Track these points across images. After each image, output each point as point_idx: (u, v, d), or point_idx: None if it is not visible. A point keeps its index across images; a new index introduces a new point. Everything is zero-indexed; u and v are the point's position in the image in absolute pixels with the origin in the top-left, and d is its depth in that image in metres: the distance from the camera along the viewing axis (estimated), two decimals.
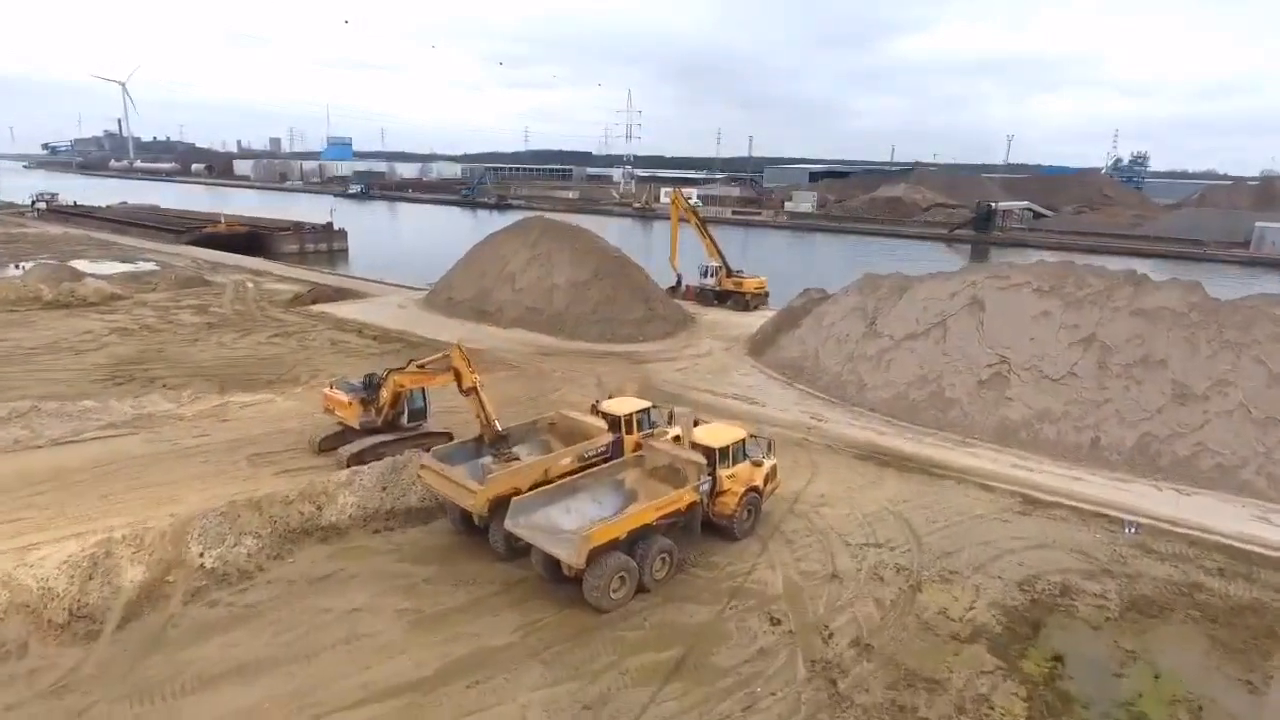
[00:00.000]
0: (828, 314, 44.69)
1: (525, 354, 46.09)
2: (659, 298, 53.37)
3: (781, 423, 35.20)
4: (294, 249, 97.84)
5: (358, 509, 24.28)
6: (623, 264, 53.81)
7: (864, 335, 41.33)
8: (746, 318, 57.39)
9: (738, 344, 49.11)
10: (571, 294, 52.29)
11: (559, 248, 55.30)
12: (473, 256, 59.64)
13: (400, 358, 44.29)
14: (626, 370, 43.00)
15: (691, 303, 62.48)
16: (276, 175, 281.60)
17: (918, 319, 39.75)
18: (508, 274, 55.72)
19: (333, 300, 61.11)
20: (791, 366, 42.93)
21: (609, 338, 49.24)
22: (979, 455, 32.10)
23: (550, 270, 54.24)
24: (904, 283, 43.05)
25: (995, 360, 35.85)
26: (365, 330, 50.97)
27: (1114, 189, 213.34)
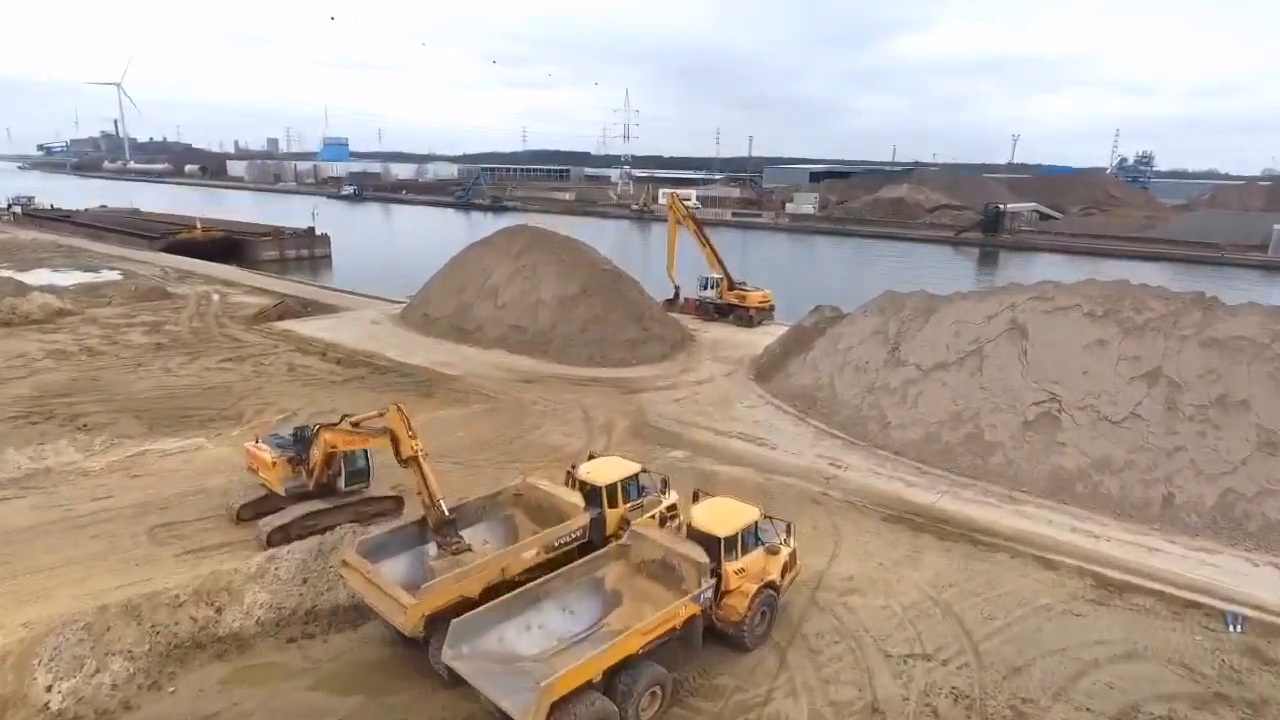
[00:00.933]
0: (844, 337, 39.47)
1: (504, 381, 40.87)
2: (654, 315, 48.13)
3: (795, 470, 30.00)
4: (273, 256, 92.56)
5: (269, 610, 19.08)
6: (614, 278, 48.56)
7: (886, 363, 36.11)
8: (751, 335, 52.16)
9: (742, 368, 43.89)
10: (558, 311, 47.06)
11: (545, 260, 50.06)
12: (452, 268, 54.40)
13: (365, 387, 39.23)
14: (617, 401, 37.78)
15: (690, 317, 57.29)
16: (270, 176, 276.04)
17: (948, 345, 34.53)
18: (489, 288, 50.49)
19: (301, 315, 55.89)
20: (803, 397, 37.72)
21: (599, 361, 44.02)
22: (1030, 515, 26.90)
23: (536, 284, 49.02)
24: (930, 303, 37.83)
25: (1043, 397, 30.64)
26: (330, 352, 45.74)
27: (1120, 189, 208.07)
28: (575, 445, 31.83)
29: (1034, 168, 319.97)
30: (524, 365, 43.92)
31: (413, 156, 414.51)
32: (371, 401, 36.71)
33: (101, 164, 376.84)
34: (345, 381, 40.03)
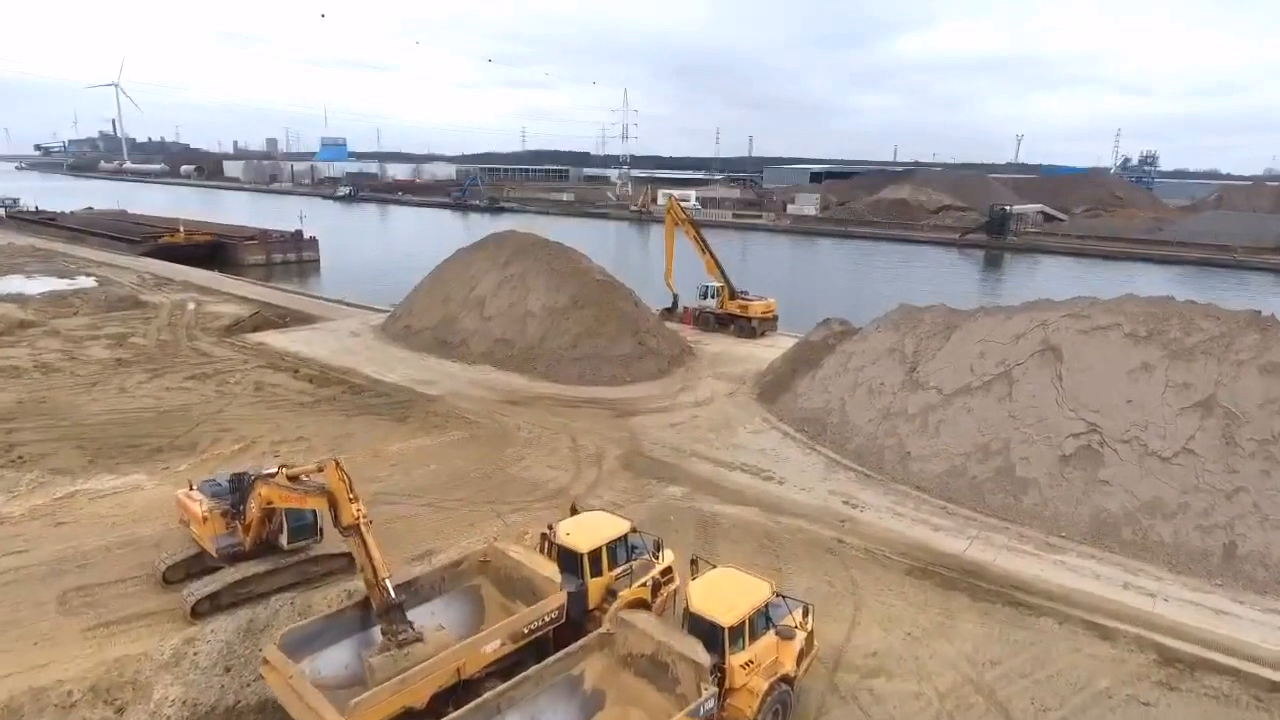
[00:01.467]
0: (856, 354, 36.17)
1: (488, 402, 37.57)
2: (650, 328, 44.81)
3: (805, 511, 26.72)
4: (259, 260, 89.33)
5: (182, 708, 15.82)
6: (608, 288, 45.24)
7: (903, 385, 32.82)
8: (754, 348, 48.91)
9: (745, 386, 40.60)
10: (548, 324, 43.78)
11: (534, 268, 46.76)
12: (437, 277, 51.10)
13: (336, 409, 35.96)
14: (609, 426, 34.49)
15: (689, 328, 54.04)
16: (266, 177, 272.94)
17: (973, 368, 31.24)
18: (475, 298, 47.20)
19: (277, 326, 52.63)
20: (813, 421, 34.42)
21: (590, 378, 40.73)
22: (1074, 566, 23.62)
23: (524, 295, 45.73)
24: (950, 318, 34.53)
25: (1081, 428, 27.35)
26: (303, 368, 42.46)
27: (1125, 190, 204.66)
28: (561, 480, 28.55)
29: (1034, 167, 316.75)
30: (510, 383, 40.63)
31: (412, 156, 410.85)
32: (341, 426, 33.52)
33: (98, 164, 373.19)
34: (315, 403, 36.72)
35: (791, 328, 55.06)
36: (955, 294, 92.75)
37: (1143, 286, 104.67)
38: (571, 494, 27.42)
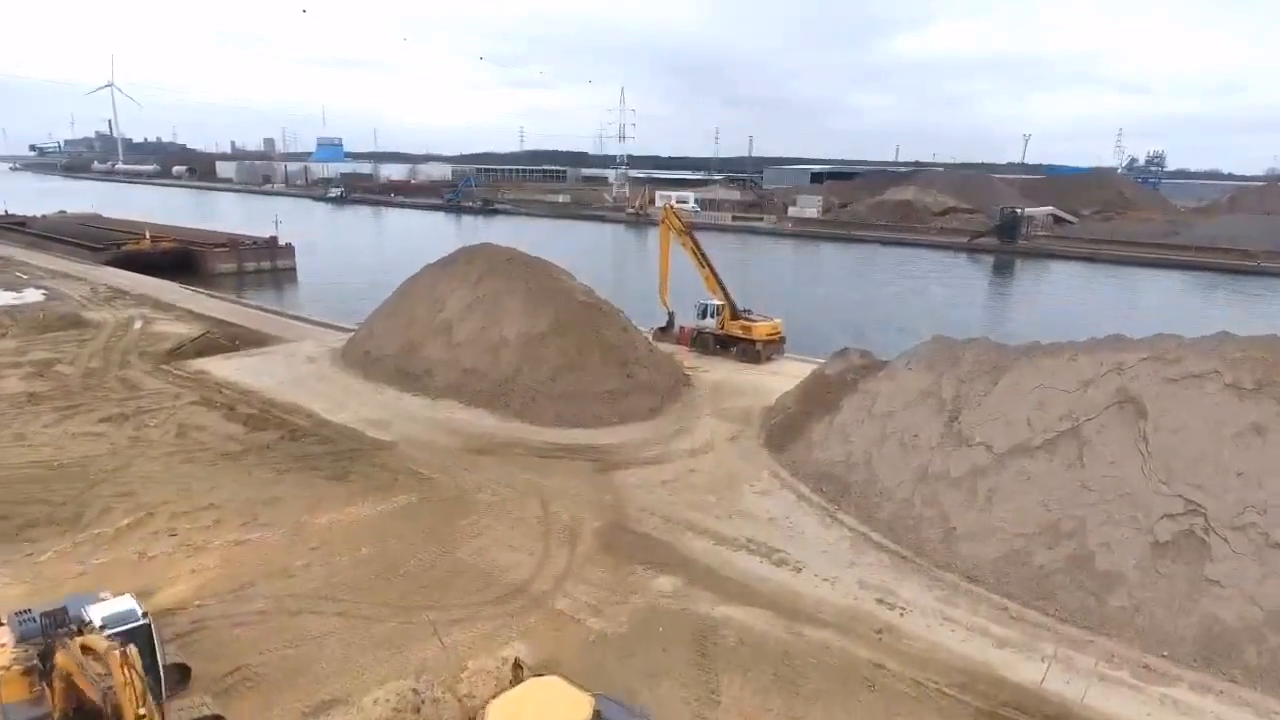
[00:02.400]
0: (882, 397, 30.26)
1: (448, 451, 31.68)
2: (640, 358, 38.86)
3: (831, 614, 20.86)
4: (230, 269, 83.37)
5: None
6: (592, 313, 39.27)
7: (943, 439, 26.95)
8: (759, 375, 43.04)
9: (750, 427, 34.72)
10: (523, 353, 37.88)
11: (509, 288, 40.85)
12: (401, 296, 45.16)
13: (266, 463, 30.09)
14: (588, 486, 28.61)
15: (685, 350, 48.22)
16: (259, 178, 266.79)
17: (1030, 421, 25.36)
18: (442, 322, 41.29)
19: (227, 350, 46.72)
20: (832, 479, 28.55)
21: (571, 419, 34.84)
22: (1190, 707, 17.77)
23: (498, 319, 39.82)
24: (996, 356, 28.60)
25: (1179, 508, 21.47)
26: (241, 404, 36.59)
27: (1133, 190, 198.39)
28: (522, 569, 22.67)
29: (1035, 168, 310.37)
30: (477, 425, 34.72)
31: (410, 157, 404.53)
32: (266, 488, 27.62)
33: (91, 165, 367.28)
34: (243, 454, 30.80)
35: (799, 349, 49.28)
36: (970, 302, 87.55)
37: (1165, 295, 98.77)
38: (534, 588, 21.59)
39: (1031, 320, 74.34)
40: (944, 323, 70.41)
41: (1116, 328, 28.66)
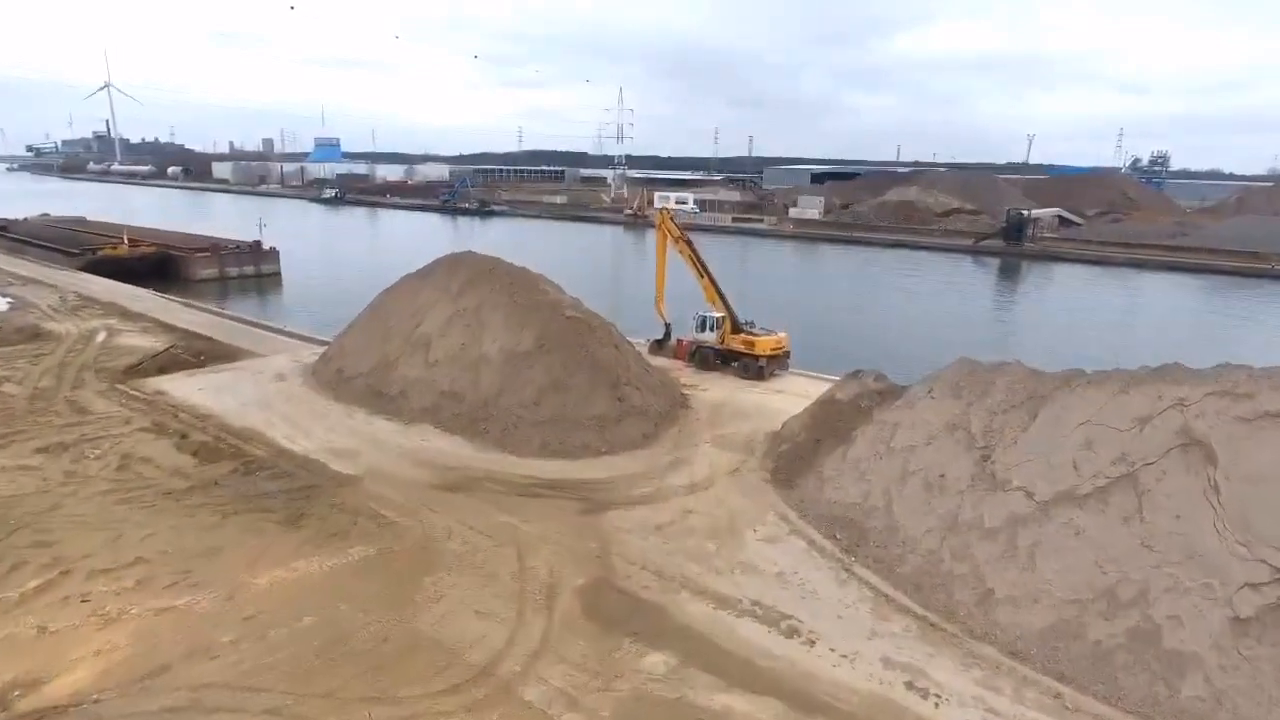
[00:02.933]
0: (902, 428, 26.91)
1: (418, 487, 28.32)
2: (634, 378, 35.43)
3: (849, 702, 17.51)
4: (211, 274, 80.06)
5: None
6: (581, 329, 35.80)
7: (974, 481, 23.60)
8: (763, 395, 39.71)
9: (753, 457, 31.35)
10: (506, 372, 34.52)
11: (492, 300, 37.48)
12: (377, 309, 41.80)
13: (213, 503, 26.87)
14: (571, 531, 25.26)
15: (683, 364, 44.91)
16: (255, 178, 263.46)
17: (1077, 464, 22.00)
18: (420, 338, 37.93)
19: (191, 366, 43.38)
20: (847, 524, 25.21)
21: (556, 448, 31.47)
22: None
23: (479, 334, 36.46)
24: (1034, 384, 25.20)
25: (1264, 576, 18.11)
26: (196, 431, 33.23)
27: (1137, 191, 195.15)
28: (490, 642, 19.29)
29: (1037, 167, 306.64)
30: (453, 455, 31.36)
31: (409, 157, 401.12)
32: (207, 536, 24.33)
33: (87, 166, 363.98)
34: (188, 492, 27.44)
35: (805, 364, 45.98)
36: (983, 312, 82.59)
37: (1179, 300, 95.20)
38: (502, 670, 18.24)
39: (1045, 328, 71.09)
40: (956, 333, 67.41)
41: (1140, 338, 25.74)
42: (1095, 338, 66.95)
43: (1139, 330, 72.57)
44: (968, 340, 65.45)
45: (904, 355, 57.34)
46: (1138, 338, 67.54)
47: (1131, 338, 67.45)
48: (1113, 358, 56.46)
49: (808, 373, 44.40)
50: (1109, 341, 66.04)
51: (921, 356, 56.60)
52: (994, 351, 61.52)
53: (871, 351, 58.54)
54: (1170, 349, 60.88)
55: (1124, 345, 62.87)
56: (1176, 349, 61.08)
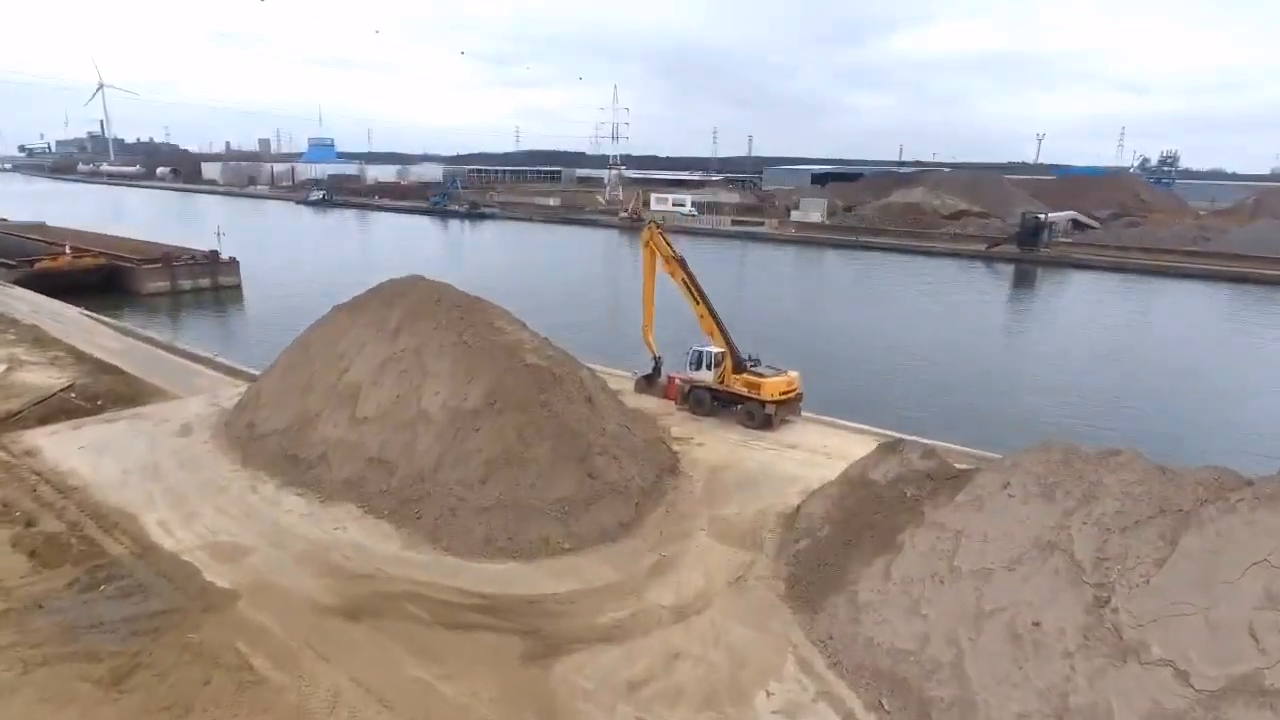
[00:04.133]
0: (969, 538, 19.33)
1: (311, 611, 20.77)
2: (609, 441, 27.72)
3: None
4: (162, 288, 72.41)
5: None
6: (543, 380, 28.07)
7: (1088, 639, 16.06)
8: (771, 452, 32.17)
9: (762, 556, 23.81)
10: (449, 436, 26.95)
11: (436, 340, 29.87)
12: (302, 349, 34.14)
13: (24, 642, 19.27)
14: (506, 695, 17.69)
15: (674, 406, 37.48)
16: (245, 179, 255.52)
17: (1256, 631, 14.45)
18: (347, 387, 30.34)
19: (84, 414, 35.78)
20: (896, 685, 17.67)
21: (504, 546, 23.89)
22: None
23: (418, 385, 28.88)
24: (1161, 490, 17.58)
25: None
26: (52, 511, 25.72)
27: (1149, 192, 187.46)
28: None
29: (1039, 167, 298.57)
30: (370, 554, 23.78)
31: (406, 157, 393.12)
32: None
33: (76, 166, 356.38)
34: (16, 612, 19.92)
35: (818, 400, 38.49)
36: (1009, 328, 71.83)
37: (1224, 315, 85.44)
38: None
39: (1090, 353, 63.20)
40: (991, 360, 59.39)
41: (1211, 371, 17.84)
42: (1157, 367, 59.30)
43: (1200, 355, 64.26)
44: (1006, 372, 57.89)
45: (936, 392, 50.07)
46: (1207, 370, 59.45)
47: (1201, 370, 59.34)
48: (1209, 407, 48.49)
49: (824, 418, 36.89)
50: (1173, 370, 58.45)
51: (958, 395, 49.50)
52: (1040, 389, 52.29)
53: (895, 386, 51.07)
54: (1268, 392, 53.27)
55: (1203, 383, 54.91)
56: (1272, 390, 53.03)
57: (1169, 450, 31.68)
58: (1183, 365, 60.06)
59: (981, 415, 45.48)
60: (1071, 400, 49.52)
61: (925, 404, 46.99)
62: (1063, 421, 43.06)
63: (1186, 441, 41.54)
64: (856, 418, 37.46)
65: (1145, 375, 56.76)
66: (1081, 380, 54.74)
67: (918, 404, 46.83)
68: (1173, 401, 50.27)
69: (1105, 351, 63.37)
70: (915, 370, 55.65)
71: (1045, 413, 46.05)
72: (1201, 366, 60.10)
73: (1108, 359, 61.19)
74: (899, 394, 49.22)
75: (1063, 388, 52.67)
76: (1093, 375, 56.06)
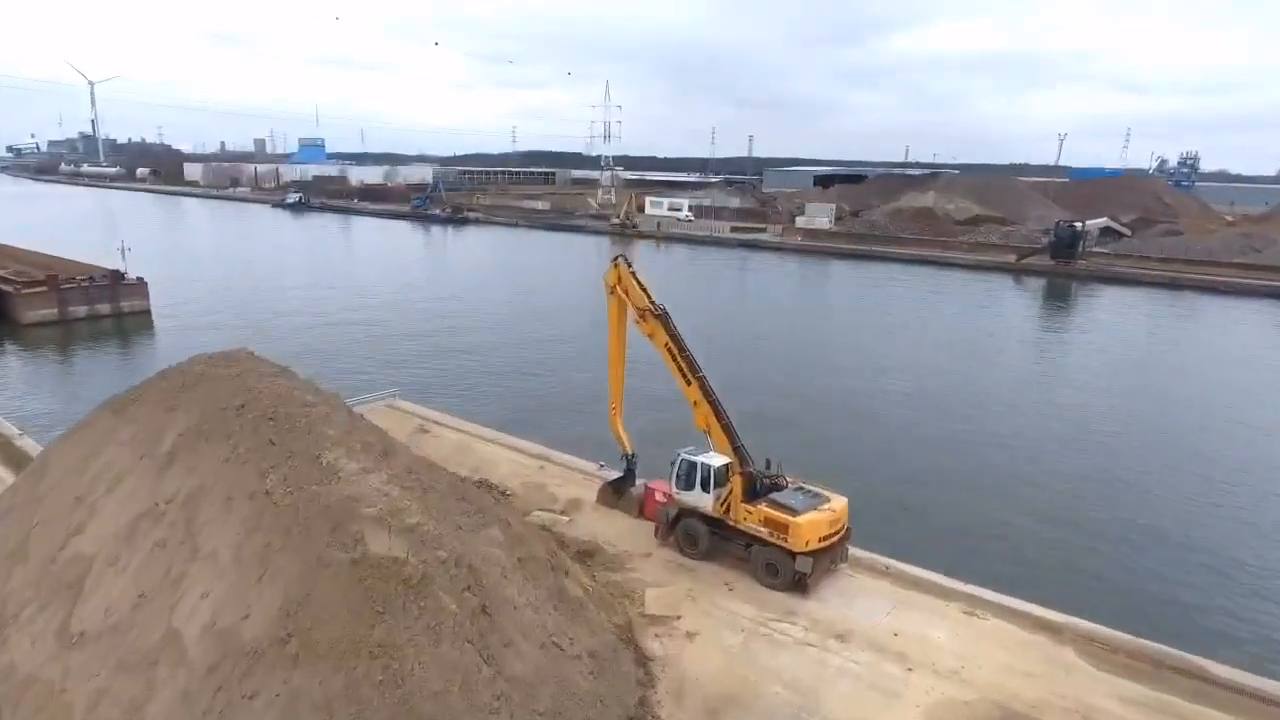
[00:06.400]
0: None
1: None
2: (512, 689, 14.42)
3: None
4: (48, 316, 59.03)
5: None
6: (387, 593, 14.61)
7: None
8: (813, 645, 18.81)
9: None
10: (206, 696, 13.55)
11: (224, 483, 16.46)
12: (31, 479, 20.68)
13: None
14: None
15: (655, 537, 24.20)
16: (227, 180, 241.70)
17: None
18: (71, 565, 16.92)
19: None
20: None
21: None
22: None
23: (179, 576, 15.50)
24: None
25: None
26: None
27: (1172, 196, 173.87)
28: None
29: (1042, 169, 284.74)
30: None
31: (401, 158, 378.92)
32: None
33: (58, 166, 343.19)
34: None
35: (870, 514, 25.11)
36: (1074, 364, 49.85)
37: None
38: None
39: (1204, 415, 49.35)
40: (1091, 418, 40.39)
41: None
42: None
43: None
44: (1134, 448, 41.52)
45: (1036, 493, 35.26)
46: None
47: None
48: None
49: (885, 561, 23.56)
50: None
51: (1079, 503, 31.83)
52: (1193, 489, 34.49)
53: (977, 475, 35.91)
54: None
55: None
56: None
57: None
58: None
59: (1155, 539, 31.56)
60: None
61: (1041, 518, 32.33)
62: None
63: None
64: (936, 549, 24.24)
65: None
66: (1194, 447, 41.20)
67: (1029, 515, 32.45)
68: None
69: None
70: (989, 440, 41.89)
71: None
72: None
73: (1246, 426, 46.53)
74: (984, 489, 35.14)
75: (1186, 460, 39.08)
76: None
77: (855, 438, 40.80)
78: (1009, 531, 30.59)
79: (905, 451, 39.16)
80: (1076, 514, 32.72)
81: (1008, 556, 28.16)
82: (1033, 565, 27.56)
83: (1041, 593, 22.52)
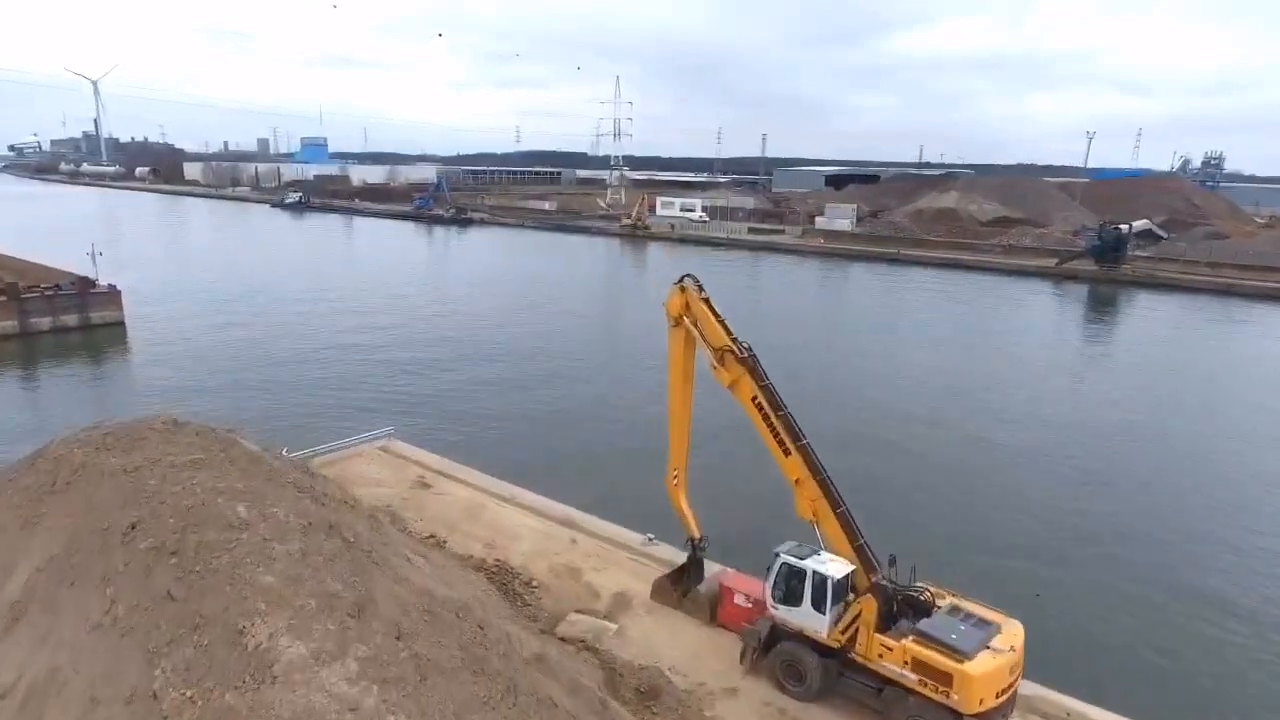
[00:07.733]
0: None
1: None
2: None
3: None
4: (8, 329, 52.26)
5: None
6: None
7: None
8: None
9: None
10: None
11: (95, 664, 9.68)
12: None
13: None
14: None
15: (739, 655, 17.32)
16: (227, 180, 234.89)
17: None
18: None
19: None
20: None
21: None
22: None
23: None
24: None
25: None
26: None
27: (1201, 197, 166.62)
28: None
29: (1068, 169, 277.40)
30: None
31: (404, 157, 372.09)
32: None
33: (58, 166, 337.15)
34: None
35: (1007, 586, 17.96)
36: (1155, 386, 41.75)
37: None
38: None
39: None
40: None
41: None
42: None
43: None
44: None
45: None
46: None
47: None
48: None
49: (1051, 692, 16.74)
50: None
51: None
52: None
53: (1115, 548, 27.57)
54: None
55: None
56: None
57: None
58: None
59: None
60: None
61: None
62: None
63: None
64: (1124, 678, 17.31)
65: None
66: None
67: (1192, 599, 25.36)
68: None
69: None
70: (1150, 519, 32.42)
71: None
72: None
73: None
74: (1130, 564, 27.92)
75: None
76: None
77: (972, 507, 33.31)
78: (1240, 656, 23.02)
79: (1047, 533, 31.04)
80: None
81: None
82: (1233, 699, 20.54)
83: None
